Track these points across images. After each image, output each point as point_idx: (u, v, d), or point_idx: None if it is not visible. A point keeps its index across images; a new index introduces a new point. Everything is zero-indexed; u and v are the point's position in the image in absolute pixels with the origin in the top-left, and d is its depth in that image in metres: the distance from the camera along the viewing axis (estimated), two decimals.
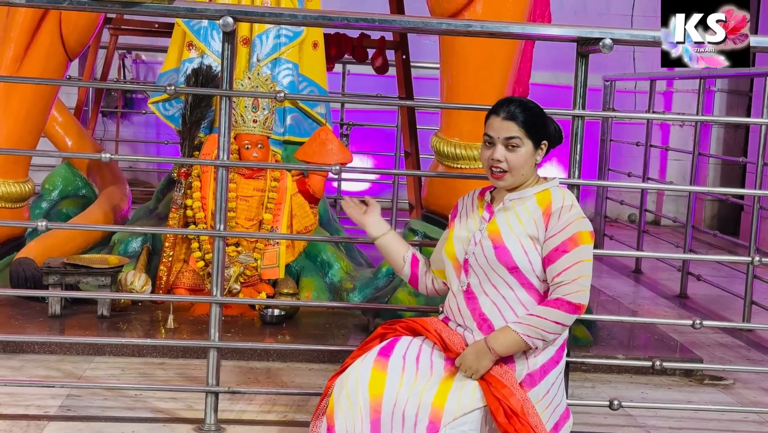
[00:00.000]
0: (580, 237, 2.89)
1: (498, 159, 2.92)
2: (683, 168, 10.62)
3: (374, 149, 9.68)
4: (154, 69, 10.34)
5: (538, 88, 7.41)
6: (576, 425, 3.20)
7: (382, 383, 2.85)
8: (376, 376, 2.87)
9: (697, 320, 3.76)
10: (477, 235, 2.96)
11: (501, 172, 2.93)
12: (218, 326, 3.59)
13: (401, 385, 2.84)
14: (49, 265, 4.92)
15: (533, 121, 2.94)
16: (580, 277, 2.86)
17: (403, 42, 6.97)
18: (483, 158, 2.98)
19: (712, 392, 4.65)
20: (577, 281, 2.85)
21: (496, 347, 2.84)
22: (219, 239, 3.55)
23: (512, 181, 2.95)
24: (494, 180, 2.97)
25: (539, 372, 2.88)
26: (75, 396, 3.98)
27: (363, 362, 2.93)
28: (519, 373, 2.86)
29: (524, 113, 2.93)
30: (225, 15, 3.36)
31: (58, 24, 5.36)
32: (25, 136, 5.43)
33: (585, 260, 2.89)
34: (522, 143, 2.92)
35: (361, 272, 5.59)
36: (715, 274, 7.25)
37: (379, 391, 2.84)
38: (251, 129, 5.24)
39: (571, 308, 2.85)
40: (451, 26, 3.78)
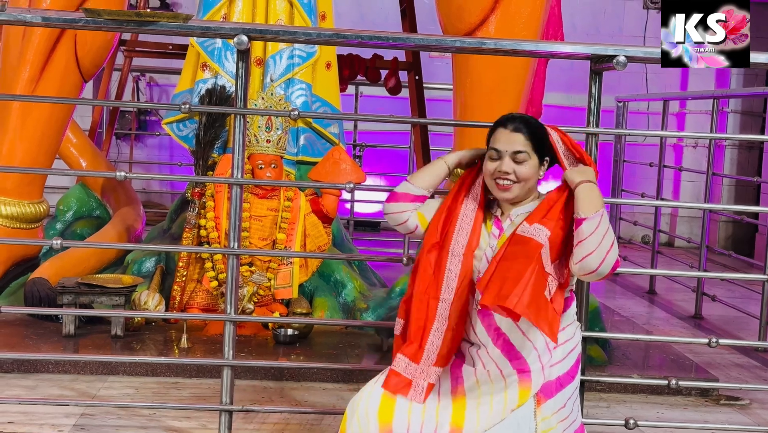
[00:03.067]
0: None
1: (506, 171, 2.90)
2: (697, 189, 10.59)
3: (387, 171, 9.69)
4: (168, 91, 10.40)
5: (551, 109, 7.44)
6: None
7: (392, 410, 2.84)
8: (386, 402, 2.85)
9: (713, 338, 3.73)
10: (489, 253, 2.95)
11: (508, 184, 2.92)
12: (232, 344, 3.58)
13: (410, 411, 2.83)
14: (64, 285, 4.94)
15: (540, 136, 2.94)
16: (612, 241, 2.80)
17: (416, 63, 6.99)
18: (487, 172, 2.95)
19: (729, 412, 4.62)
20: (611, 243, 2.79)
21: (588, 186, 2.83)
22: (233, 256, 3.55)
23: (518, 193, 2.93)
24: (500, 192, 2.94)
25: (555, 384, 2.86)
26: (89, 415, 3.98)
27: (375, 384, 2.92)
28: (536, 383, 2.84)
29: (530, 128, 2.94)
30: (239, 33, 3.37)
31: (74, 45, 5.39)
32: (40, 158, 5.45)
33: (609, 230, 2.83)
34: (529, 157, 2.91)
35: (374, 292, 5.59)
36: (730, 295, 7.22)
37: (388, 418, 2.83)
38: (265, 149, 5.25)
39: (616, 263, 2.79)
40: (465, 44, 3.78)
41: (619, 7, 10.91)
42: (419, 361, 2.89)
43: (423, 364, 2.89)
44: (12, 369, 4.53)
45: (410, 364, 2.89)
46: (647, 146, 10.20)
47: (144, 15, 3.34)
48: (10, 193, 5.46)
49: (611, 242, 2.76)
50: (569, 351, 2.90)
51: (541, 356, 2.83)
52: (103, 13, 3.32)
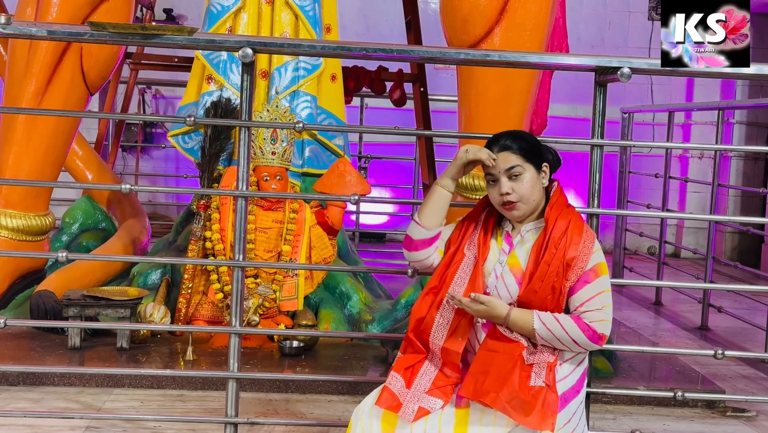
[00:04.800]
0: (600, 268, 2.90)
1: (506, 192, 2.92)
2: (702, 200, 10.58)
3: (392, 182, 9.69)
4: (173, 104, 10.43)
5: (556, 121, 7.45)
6: None
7: (395, 418, 2.85)
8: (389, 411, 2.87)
9: (719, 350, 3.72)
10: (498, 268, 2.95)
11: (513, 203, 2.93)
12: (237, 356, 3.58)
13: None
14: (69, 297, 4.94)
15: (527, 146, 2.95)
16: (605, 307, 2.86)
17: (421, 75, 7.01)
18: (493, 199, 2.97)
19: (735, 424, 4.60)
20: (602, 310, 2.85)
21: (512, 314, 2.85)
22: (238, 268, 3.56)
23: (525, 209, 2.95)
24: (508, 212, 2.96)
25: (560, 400, 2.85)
26: (94, 428, 3.98)
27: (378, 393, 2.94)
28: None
29: (516, 141, 2.95)
30: (244, 46, 3.38)
31: (79, 58, 5.41)
32: (45, 170, 5.46)
33: (606, 290, 2.89)
34: (524, 169, 2.92)
35: (380, 304, 5.58)
36: (736, 306, 7.20)
37: (391, 427, 2.85)
38: (270, 161, 5.26)
39: (595, 336, 2.84)
40: (469, 56, 3.78)
41: (623, 18, 10.91)
42: (410, 387, 2.92)
43: (414, 390, 2.91)
44: (17, 382, 4.53)
45: (403, 388, 2.92)
46: (653, 157, 10.18)
47: (149, 28, 3.35)
48: (15, 205, 5.47)
49: (567, 337, 2.82)
50: (574, 367, 2.90)
51: (545, 375, 2.82)
52: (108, 27, 3.32)
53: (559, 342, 2.83)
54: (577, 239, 2.88)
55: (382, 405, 2.88)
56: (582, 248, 2.88)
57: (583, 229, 2.92)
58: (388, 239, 9.82)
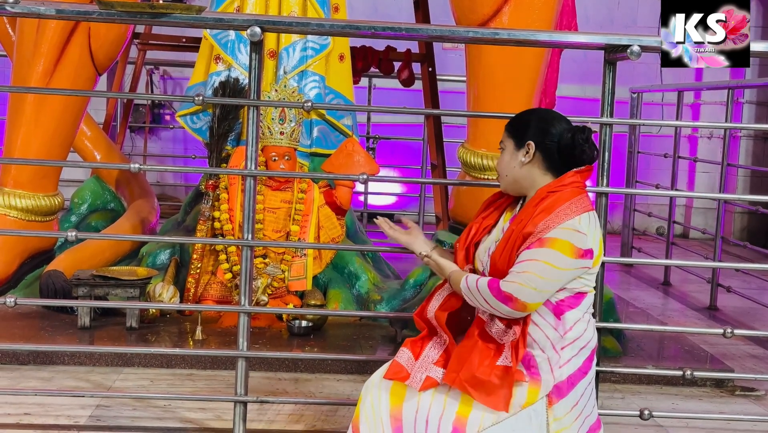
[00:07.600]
0: (551, 241, 2.71)
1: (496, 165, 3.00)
2: (712, 180, 10.54)
3: (401, 162, 9.68)
4: (181, 84, 10.42)
5: (565, 101, 7.42)
6: None
7: (403, 392, 2.86)
8: (398, 384, 2.88)
9: (728, 329, 3.71)
10: (492, 248, 2.93)
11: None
12: (246, 335, 3.59)
13: (421, 394, 2.85)
14: (79, 277, 4.96)
15: (514, 123, 2.95)
16: (526, 272, 2.70)
17: (429, 54, 6.98)
18: None
19: (744, 402, 4.60)
20: (521, 274, 2.70)
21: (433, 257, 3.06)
22: (247, 248, 3.56)
23: (505, 185, 2.96)
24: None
25: (566, 383, 2.83)
26: (104, 406, 4.00)
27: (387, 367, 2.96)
28: (546, 384, 2.81)
29: (513, 118, 2.97)
30: (252, 25, 3.37)
31: (87, 38, 5.41)
32: (54, 150, 5.47)
33: (543, 260, 2.70)
34: (504, 145, 2.93)
35: (388, 284, 5.59)
36: (745, 286, 7.19)
37: (399, 400, 2.85)
38: (278, 141, 5.26)
39: (501, 295, 2.71)
40: (478, 34, 3.77)
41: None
42: (418, 358, 2.93)
43: (422, 361, 2.92)
44: (28, 361, 4.55)
45: (411, 359, 2.93)
46: (662, 137, 10.15)
47: (157, 7, 3.35)
48: (25, 186, 5.48)
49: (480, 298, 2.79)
50: (580, 349, 2.85)
51: (550, 358, 2.81)
52: (116, 5, 3.32)
53: (479, 303, 2.80)
54: (543, 216, 2.75)
55: (391, 376, 2.88)
56: (542, 225, 2.74)
57: (558, 212, 2.76)
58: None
